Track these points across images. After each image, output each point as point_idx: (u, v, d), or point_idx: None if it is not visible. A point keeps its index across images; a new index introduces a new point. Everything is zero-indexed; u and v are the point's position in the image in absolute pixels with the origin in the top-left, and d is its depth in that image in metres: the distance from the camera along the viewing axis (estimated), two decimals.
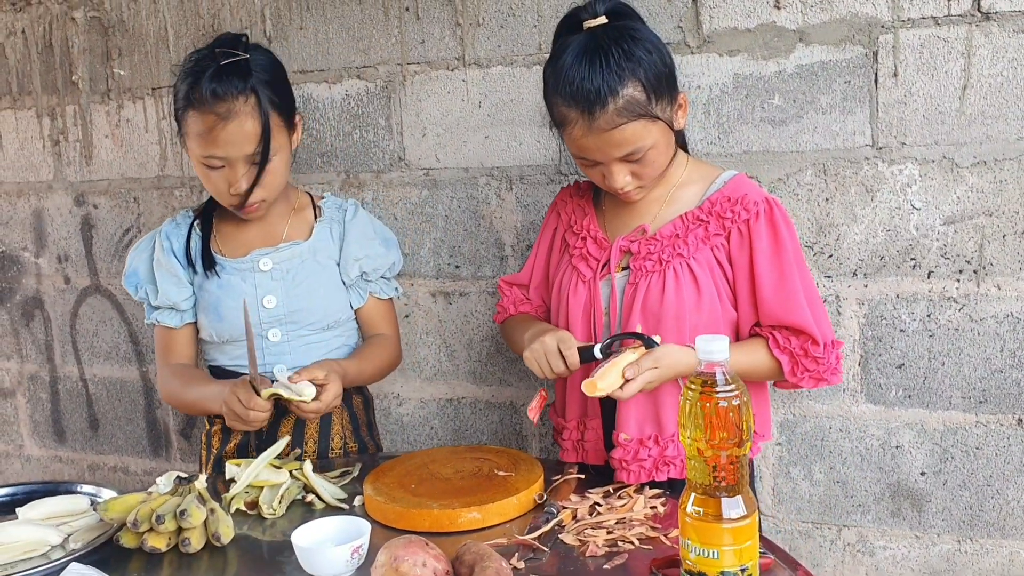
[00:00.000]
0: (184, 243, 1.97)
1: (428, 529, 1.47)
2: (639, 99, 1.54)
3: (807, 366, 1.62)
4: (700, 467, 1.15)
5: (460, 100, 2.29)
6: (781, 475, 2.16)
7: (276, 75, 1.85)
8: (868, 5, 1.92)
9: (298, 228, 1.97)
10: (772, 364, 1.64)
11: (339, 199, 2.05)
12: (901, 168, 1.95)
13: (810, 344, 1.61)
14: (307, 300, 1.93)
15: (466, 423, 2.46)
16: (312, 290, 1.93)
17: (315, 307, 1.94)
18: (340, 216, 2.00)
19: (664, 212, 1.68)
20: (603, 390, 1.51)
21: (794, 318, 1.60)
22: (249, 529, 1.57)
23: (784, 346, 1.62)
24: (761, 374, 1.67)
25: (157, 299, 1.96)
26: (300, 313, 1.93)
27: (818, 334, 1.60)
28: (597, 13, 1.59)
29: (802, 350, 1.61)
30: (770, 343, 1.63)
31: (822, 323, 1.62)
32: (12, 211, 2.91)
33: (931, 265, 1.97)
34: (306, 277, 1.93)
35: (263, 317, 1.91)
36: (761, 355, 1.64)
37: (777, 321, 1.62)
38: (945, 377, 2.00)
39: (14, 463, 3.10)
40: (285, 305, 1.92)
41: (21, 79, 2.79)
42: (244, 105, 1.75)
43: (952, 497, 2.03)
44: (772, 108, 2.02)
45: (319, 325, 1.95)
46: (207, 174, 1.82)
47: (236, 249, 1.96)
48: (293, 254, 1.94)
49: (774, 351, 1.62)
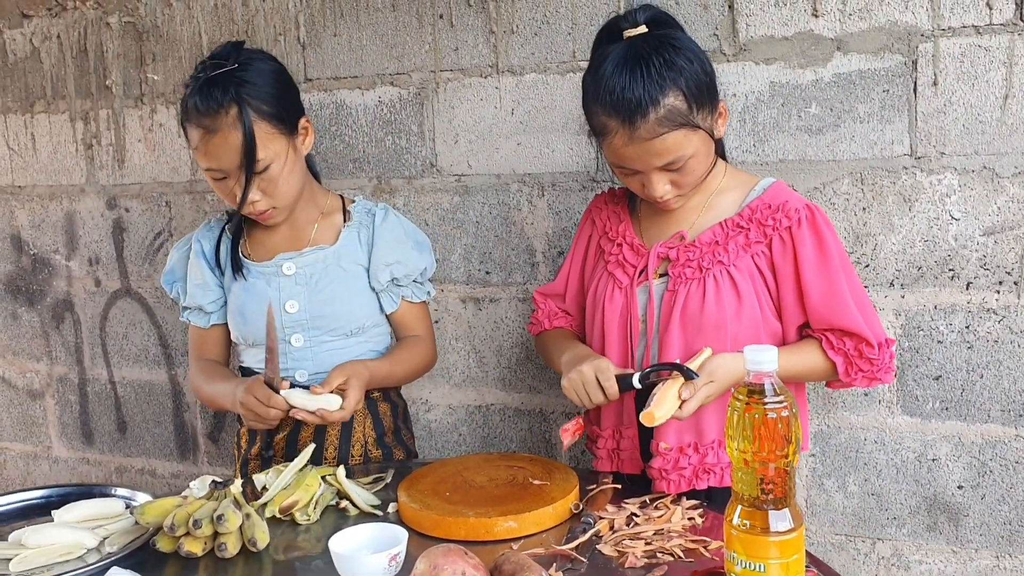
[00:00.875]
0: (214, 246, 1.99)
1: (463, 537, 1.46)
2: (680, 108, 1.53)
3: (861, 366, 1.62)
4: (747, 479, 1.14)
5: (493, 107, 2.29)
6: (815, 486, 2.14)
7: (269, 81, 1.81)
8: (908, 14, 1.90)
9: (325, 232, 1.96)
10: (826, 365, 1.64)
11: (370, 203, 2.02)
12: (940, 178, 1.93)
13: (864, 345, 1.60)
14: (330, 306, 1.92)
15: (495, 430, 2.45)
16: (335, 296, 1.92)
17: (338, 313, 1.92)
18: (369, 220, 1.98)
19: (702, 219, 1.67)
20: (662, 418, 1.51)
21: (845, 322, 1.59)
22: (283, 535, 1.57)
23: (838, 347, 1.61)
24: (815, 375, 1.67)
25: (185, 300, 2.01)
26: (322, 319, 1.92)
27: (871, 335, 1.59)
28: (637, 22, 1.59)
29: (856, 351, 1.61)
30: (824, 344, 1.62)
31: (873, 324, 1.62)
32: (44, 214, 2.92)
33: (970, 276, 1.94)
34: (329, 282, 1.92)
35: (285, 322, 1.91)
36: (815, 356, 1.63)
37: (828, 325, 1.61)
38: (984, 390, 1.97)
39: (42, 464, 3.12)
40: (307, 310, 1.92)
41: (56, 83, 2.81)
42: (227, 117, 1.74)
43: (990, 512, 2.00)
44: (809, 117, 2.01)
45: (342, 331, 1.94)
46: (215, 185, 1.85)
47: (263, 253, 1.97)
48: (317, 259, 1.93)
49: (828, 352, 1.62)
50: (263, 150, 1.77)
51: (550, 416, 2.39)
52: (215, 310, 2.00)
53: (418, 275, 2.01)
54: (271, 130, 1.79)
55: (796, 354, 1.63)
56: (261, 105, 1.77)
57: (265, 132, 1.77)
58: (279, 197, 1.83)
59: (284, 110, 1.82)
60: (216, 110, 1.74)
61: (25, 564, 1.45)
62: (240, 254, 1.97)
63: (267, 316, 1.75)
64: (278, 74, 1.86)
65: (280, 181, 1.81)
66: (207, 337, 2.03)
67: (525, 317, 2.36)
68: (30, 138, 2.89)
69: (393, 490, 1.68)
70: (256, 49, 1.90)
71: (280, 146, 1.80)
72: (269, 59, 1.89)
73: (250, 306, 1.93)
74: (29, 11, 2.79)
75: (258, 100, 1.77)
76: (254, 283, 1.94)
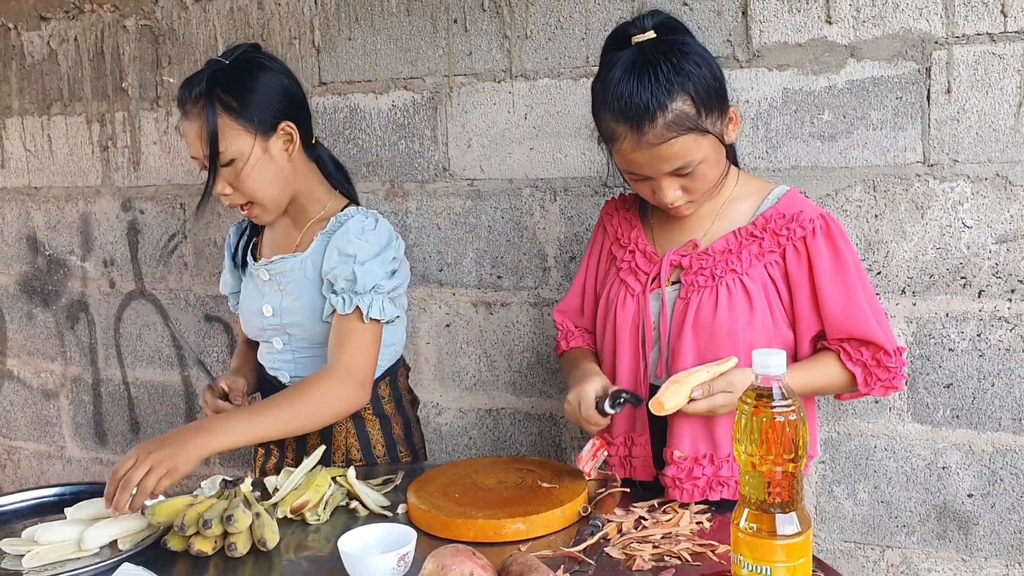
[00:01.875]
0: (237, 241, 2.06)
1: (472, 539, 1.46)
2: (689, 113, 1.53)
3: (879, 375, 1.62)
4: (754, 482, 1.14)
5: (506, 112, 2.30)
6: (824, 493, 2.13)
7: (248, 81, 1.82)
8: (922, 21, 1.90)
9: (307, 239, 1.92)
10: (845, 377, 1.63)
11: (353, 211, 1.91)
12: (953, 185, 1.93)
13: (882, 355, 1.60)
14: (298, 314, 1.91)
15: (505, 434, 2.46)
16: (299, 304, 1.91)
17: (304, 322, 1.91)
18: (336, 228, 1.90)
19: (716, 227, 1.67)
20: (670, 409, 1.52)
21: (863, 332, 1.59)
22: (293, 534, 1.58)
23: (856, 358, 1.61)
24: (833, 388, 1.67)
25: (222, 287, 2.12)
26: (292, 326, 1.92)
27: (887, 344, 1.60)
28: (646, 28, 1.58)
29: (874, 360, 1.61)
30: (842, 356, 1.62)
31: (888, 332, 1.62)
32: (60, 215, 2.95)
33: (982, 284, 1.94)
34: (294, 290, 1.91)
35: (265, 324, 1.95)
36: (834, 369, 1.63)
37: (846, 335, 1.61)
38: (995, 398, 1.97)
39: (55, 464, 3.14)
40: (279, 316, 1.93)
41: (72, 85, 2.83)
42: (194, 107, 1.80)
43: (1001, 520, 1.99)
44: (822, 123, 2.01)
45: (314, 341, 1.92)
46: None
47: (265, 253, 2.01)
48: (285, 266, 1.91)
49: (847, 364, 1.61)
50: (224, 143, 1.79)
51: (560, 421, 2.40)
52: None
53: (349, 282, 1.82)
54: (236, 126, 1.79)
55: (814, 369, 1.64)
56: (231, 101, 1.79)
57: (229, 127, 1.79)
58: (249, 194, 1.84)
59: (257, 109, 1.81)
60: (188, 98, 1.81)
61: (38, 560, 1.47)
62: (250, 252, 2.02)
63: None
64: (264, 76, 1.84)
65: (246, 178, 1.81)
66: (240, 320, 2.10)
67: (536, 322, 2.37)
68: (47, 140, 2.91)
69: (403, 491, 1.68)
70: (265, 53, 1.91)
71: (244, 143, 1.80)
72: (268, 62, 1.88)
73: (246, 304, 2.00)
74: (47, 14, 2.82)
75: (229, 95, 1.79)
76: (248, 282, 2.00)
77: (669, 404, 1.51)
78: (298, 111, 1.89)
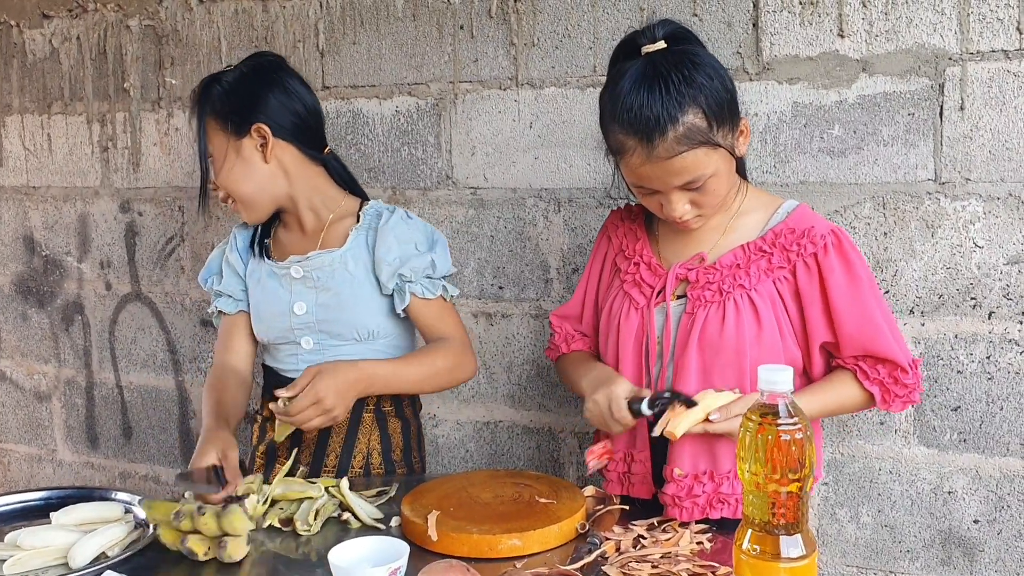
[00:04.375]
0: (248, 241, 2.04)
1: (467, 554, 1.42)
2: (700, 126, 1.50)
3: (897, 392, 1.59)
4: (758, 502, 1.10)
5: (511, 120, 2.27)
6: (826, 516, 2.09)
7: (234, 81, 1.90)
8: (936, 37, 1.87)
9: (336, 236, 1.95)
10: (863, 396, 1.61)
11: (382, 206, 1.98)
12: (964, 204, 1.90)
13: (899, 372, 1.57)
14: (336, 310, 1.91)
15: (502, 447, 2.42)
16: (341, 299, 1.91)
17: (344, 317, 1.91)
18: (376, 222, 1.95)
19: (724, 241, 1.64)
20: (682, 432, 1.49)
21: (880, 349, 1.56)
22: (284, 545, 1.54)
23: (874, 377, 1.58)
24: (851, 408, 1.65)
25: (220, 284, 2.04)
26: (328, 323, 1.91)
27: (904, 360, 1.57)
28: (656, 38, 1.54)
29: (891, 378, 1.58)
30: (859, 375, 1.59)
31: (903, 347, 1.59)
32: (58, 215, 2.92)
33: (992, 305, 1.90)
34: (335, 285, 1.91)
35: (294, 323, 1.93)
36: (852, 389, 1.60)
37: (862, 352, 1.58)
38: (1003, 422, 1.93)
39: (46, 467, 3.10)
40: (314, 313, 1.92)
41: (73, 85, 2.81)
42: (190, 105, 1.94)
43: (1007, 547, 1.95)
44: (831, 138, 1.98)
45: (350, 336, 1.92)
46: None
47: (280, 253, 1.99)
48: (323, 262, 1.92)
49: (864, 383, 1.58)
50: (207, 142, 1.90)
51: (559, 435, 2.36)
52: (243, 298, 2.03)
53: (427, 270, 1.93)
54: (214, 126, 1.89)
55: (831, 391, 1.61)
56: (216, 102, 1.88)
57: (210, 127, 1.89)
58: (224, 188, 1.90)
59: (232, 110, 1.88)
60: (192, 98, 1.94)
61: (19, 566, 1.43)
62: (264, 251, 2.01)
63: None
64: (249, 76, 1.91)
65: (222, 175, 1.89)
66: (234, 325, 2.03)
67: (537, 334, 2.34)
68: (46, 139, 2.89)
69: (397, 504, 1.65)
70: (269, 54, 1.99)
71: (219, 143, 1.89)
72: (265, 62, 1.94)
73: (264, 305, 1.96)
74: (50, 12, 2.79)
75: (217, 97, 1.88)
76: (268, 283, 1.96)
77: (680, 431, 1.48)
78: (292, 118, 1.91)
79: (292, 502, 1.64)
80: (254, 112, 1.87)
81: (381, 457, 1.96)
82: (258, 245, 2.01)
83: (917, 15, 1.88)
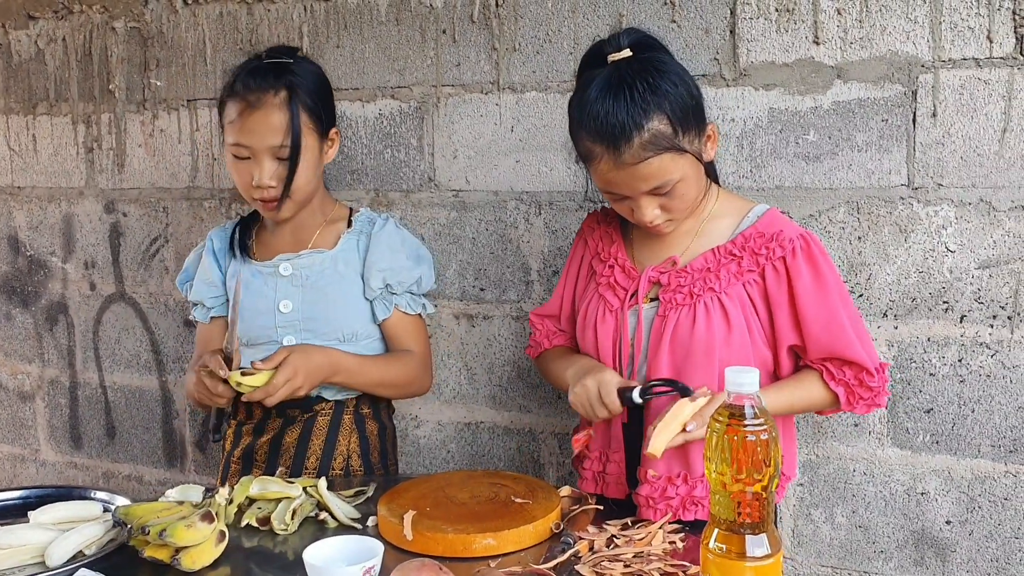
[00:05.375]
0: (226, 244, 2.04)
1: (441, 553, 1.44)
2: (665, 132, 1.52)
3: (862, 395, 1.62)
4: (724, 502, 1.12)
5: (493, 124, 2.29)
6: (802, 516, 2.11)
7: (317, 84, 1.92)
8: (909, 44, 1.90)
9: (326, 238, 1.99)
10: (828, 396, 1.64)
11: (374, 213, 2.04)
12: (937, 209, 1.92)
13: (864, 374, 1.60)
14: (323, 309, 1.93)
15: (483, 448, 2.44)
16: (329, 298, 1.94)
17: (330, 316, 1.94)
18: (369, 228, 2.00)
19: (695, 244, 1.66)
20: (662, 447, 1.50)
21: (845, 352, 1.59)
22: (260, 544, 1.55)
23: (839, 378, 1.61)
24: (815, 407, 1.67)
25: (192, 294, 2.05)
26: (314, 321, 1.93)
27: (870, 363, 1.59)
28: (621, 46, 1.57)
29: (856, 380, 1.61)
30: (824, 376, 1.62)
31: (870, 350, 1.62)
32: (43, 216, 2.93)
33: (964, 309, 1.93)
34: (324, 285, 1.94)
35: (279, 322, 1.94)
36: (817, 388, 1.63)
37: (828, 354, 1.60)
38: (975, 424, 1.95)
39: (29, 467, 3.10)
40: (300, 311, 1.93)
41: (59, 86, 2.82)
42: (274, 98, 1.84)
43: (978, 548, 1.98)
44: (806, 144, 2.00)
45: (334, 336, 1.94)
46: (235, 165, 1.89)
47: (265, 253, 2.00)
48: (314, 261, 1.95)
49: (830, 384, 1.61)
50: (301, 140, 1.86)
51: (539, 436, 2.38)
52: (215, 305, 2.03)
53: (412, 285, 1.99)
54: (308, 123, 1.87)
55: (796, 388, 1.63)
56: (306, 99, 1.87)
57: (305, 125, 1.86)
58: (296, 190, 1.88)
59: (323, 112, 1.91)
60: (266, 89, 1.83)
61: None
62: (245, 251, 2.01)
63: (235, 289, 1.83)
64: (323, 81, 1.96)
65: (300, 174, 1.87)
66: (209, 333, 2.05)
67: (518, 335, 2.35)
68: (31, 139, 2.89)
69: (374, 504, 1.66)
70: (307, 57, 2.04)
71: (312, 142, 1.89)
72: (318, 67, 1.99)
73: (247, 304, 1.95)
74: (35, 13, 2.80)
75: (305, 94, 1.87)
76: (251, 281, 1.96)
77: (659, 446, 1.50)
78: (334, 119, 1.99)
79: (270, 501, 1.65)
80: (332, 116, 1.96)
81: (360, 459, 1.98)
82: (239, 246, 2.01)
83: (890, 23, 1.91)
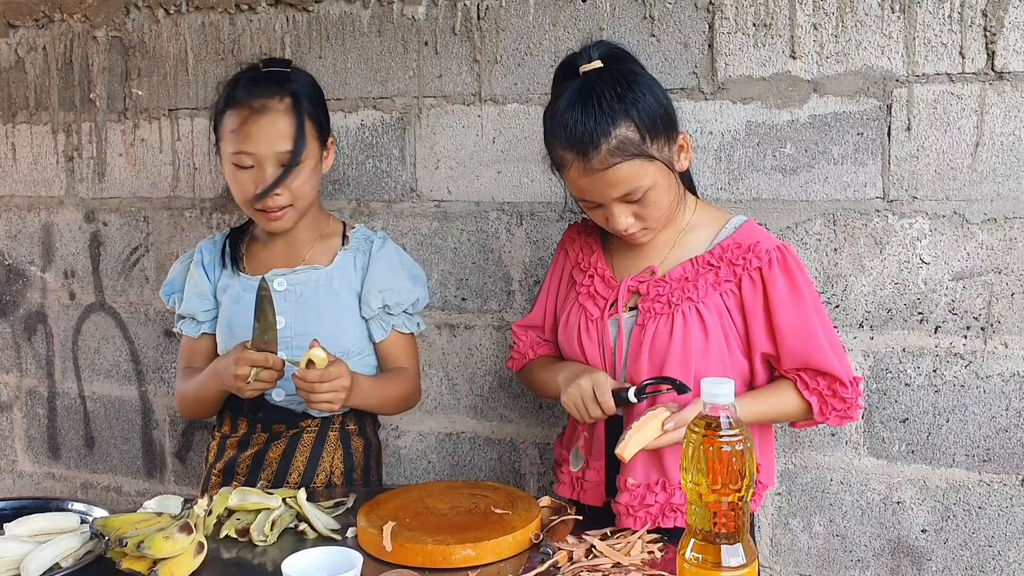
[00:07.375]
0: (217, 256, 2.02)
1: (421, 564, 1.45)
2: (632, 139, 1.55)
3: (835, 406, 1.64)
4: (700, 512, 1.14)
5: (474, 135, 2.30)
6: (780, 525, 2.13)
7: (316, 93, 1.94)
8: (884, 59, 1.93)
9: (321, 254, 1.98)
10: (801, 405, 1.65)
11: (369, 231, 2.04)
12: (911, 222, 1.95)
13: (838, 385, 1.62)
14: (316, 325, 1.91)
15: (464, 458, 2.44)
16: (323, 316, 1.92)
17: (323, 333, 1.89)
18: (367, 247, 1.99)
19: (673, 255, 1.68)
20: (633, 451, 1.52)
21: (819, 362, 1.61)
22: (239, 556, 1.55)
23: (813, 388, 1.63)
24: (789, 416, 1.69)
25: (182, 307, 2.02)
26: (308, 337, 1.88)
27: (843, 375, 1.61)
28: (592, 58, 1.61)
29: (830, 390, 1.63)
30: (798, 384, 1.64)
31: (844, 362, 1.64)
32: (22, 224, 2.91)
33: (938, 320, 1.96)
34: (318, 302, 1.93)
35: None
36: (791, 398, 1.65)
37: (802, 365, 1.63)
38: (949, 434, 1.98)
39: (6, 478, 3.08)
40: (293, 327, 1.91)
41: (39, 94, 2.81)
42: (279, 104, 1.83)
43: (953, 556, 2.00)
44: (783, 156, 2.03)
45: None
46: (236, 175, 1.86)
47: (258, 268, 1.98)
48: (309, 278, 1.94)
49: (803, 393, 1.63)
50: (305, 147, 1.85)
51: (520, 446, 2.38)
52: (207, 320, 2.01)
53: (410, 306, 2.01)
54: (313, 132, 1.88)
55: (771, 397, 1.65)
56: (308, 106, 1.88)
57: (309, 132, 1.86)
58: (298, 198, 1.87)
59: (323, 120, 1.93)
60: (270, 95, 1.83)
61: None
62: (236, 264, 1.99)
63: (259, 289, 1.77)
64: (319, 90, 1.97)
65: (302, 181, 1.86)
66: (196, 348, 2.04)
67: (499, 345, 2.36)
68: (10, 148, 2.88)
69: (354, 515, 1.66)
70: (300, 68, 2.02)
71: (314, 149, 1.88)
72: (312, 77, 1.99)
73: (238, 318, 1.93)
74: (16, 21, 2.79)
75: (308, 101, 1.88)
76: (243, 296, 1.94)
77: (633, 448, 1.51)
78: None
79: (249, 513, 1.65)
80: (329, 124, 1.96)
81: (343, 477, 1.98)
82: (230, 259, 1.99)
83: (866, 38, 1.93)
